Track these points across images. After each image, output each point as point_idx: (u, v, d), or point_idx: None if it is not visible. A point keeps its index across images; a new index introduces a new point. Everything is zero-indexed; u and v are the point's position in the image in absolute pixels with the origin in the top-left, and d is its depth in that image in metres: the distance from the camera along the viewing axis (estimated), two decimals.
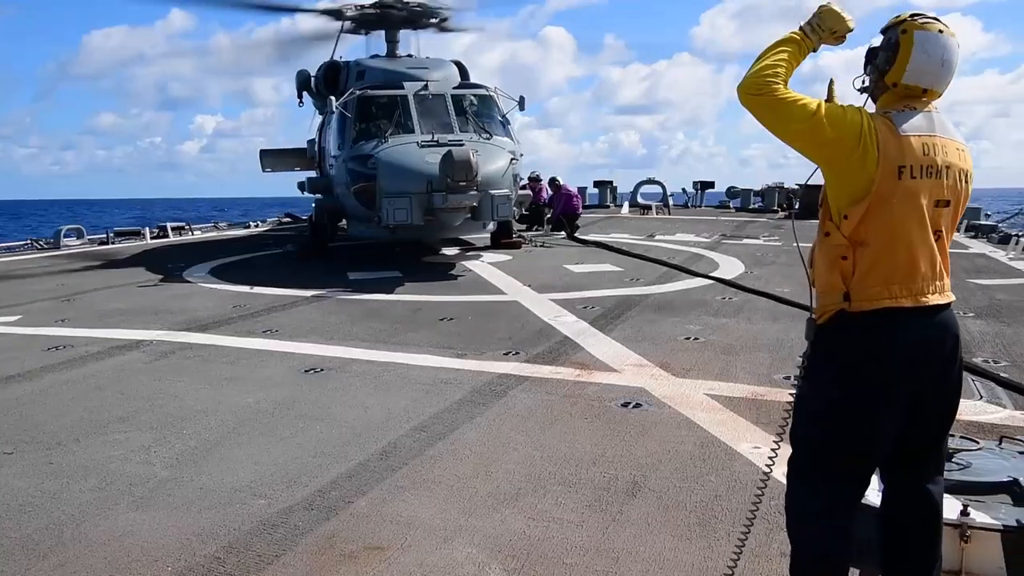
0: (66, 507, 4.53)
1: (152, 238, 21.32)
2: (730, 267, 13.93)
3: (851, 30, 3.01)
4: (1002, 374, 6.82)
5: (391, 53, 19.63)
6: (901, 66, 2.89)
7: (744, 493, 4.42)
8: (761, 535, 4.01)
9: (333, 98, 16.10)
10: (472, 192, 13.35)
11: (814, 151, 2.92)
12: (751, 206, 32.27)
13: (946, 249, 2.96)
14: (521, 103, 17.22)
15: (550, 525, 4.19)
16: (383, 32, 19.91)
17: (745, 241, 18.91)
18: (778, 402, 6.13)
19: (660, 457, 5.11)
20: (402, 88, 15.81)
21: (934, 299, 2.89)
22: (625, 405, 6.18)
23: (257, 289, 12.24)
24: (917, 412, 2.95)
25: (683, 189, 34.45)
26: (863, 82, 3.07)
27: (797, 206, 30.25)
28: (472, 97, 16.41)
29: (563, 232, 20.32)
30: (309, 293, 11.70)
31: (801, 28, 3.01)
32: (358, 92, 15.94)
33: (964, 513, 3.18)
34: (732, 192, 34.01)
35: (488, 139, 15.32)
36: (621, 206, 31.65)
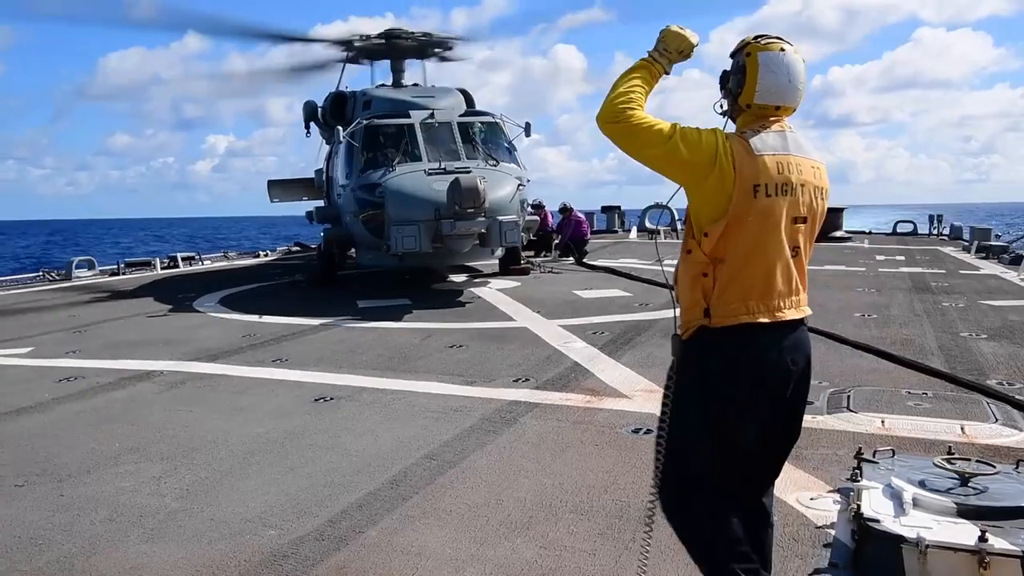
0: (77, 539, 4.52)
1: (162, 268, 21.40)
2: None
3: (695, 45, 3.12)
4: (1017, 396, 6.76)
5: (397, 82, 19.79)
6: (751, 87, 3.01)
7: None
8: (775, 562, 3.97)
9: (340, 128, 16.21)
10: (480, 218, 13.40)
11: (672, 173, 3.01)
12: None
13: (803, 265, 3.07)
14: (527, 129, 17.31)
15: (562, 554, 4.16)
16: (389, 61, 20.08)
17: None
18: None
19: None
20: (409, 117, 15.92)
21: (790, 314, 3.00)
22: (636, 431, 6.15)
23: (266, 318, 12.26)
24: (770, 426, 3.04)
25: None
26: (722, 106, 3.18)
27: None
28: (478, 124, 16.51)
29: (571, 258, 20.33)
30: (318, 322, 11.71)
31: (649, 53, 3.11)
32: (365, 122, 16.04)
33: (982, 539, 3.13)
34: None
35: (495, 165, 15.39)
36: (629, 231, 31.67)
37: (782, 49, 3.01)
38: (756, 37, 3.07)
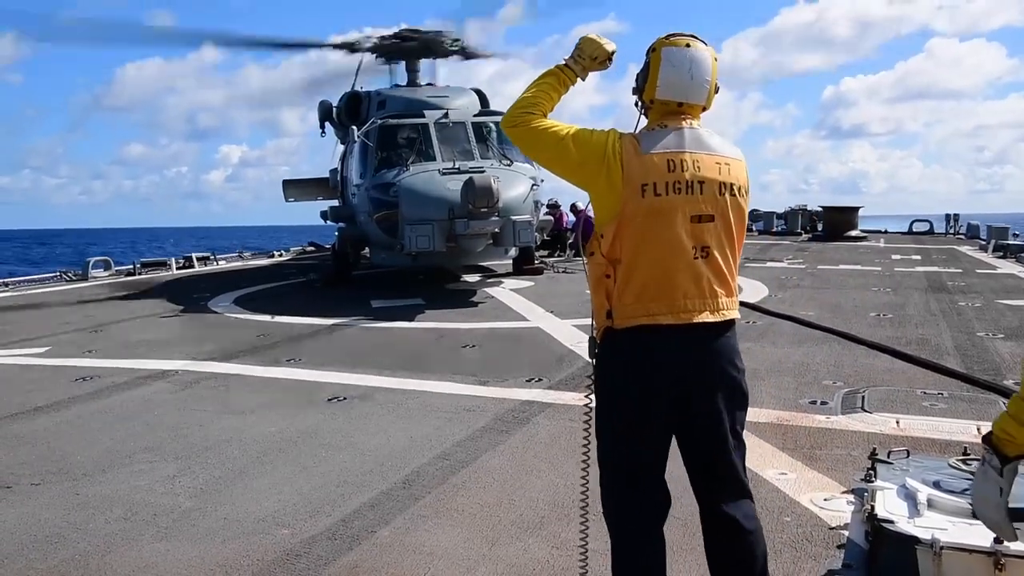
0: (92, 538, 4.55)
1: (178, 268, 21.52)
2: (753, 290, 13.84)
3: (610, 53, 3.12)
4: None
5: (412, 82, 19.82)
6: (652, 83, 2.98)
7: (771, 519, 4.36)
8: (788, 563, 3.95)
9: (355, 128, 16.26)
10: (494, 218, 13.40)
11: (568, 175, 3.02)
12: (774, 229, 32.15)
13: (721, 266, 2.95)
14: None
15: (574, 554, 4.13)
16: (404, 61, 20.12)
17: (768, 264, 18.81)
18: (804, 427, 6.07)
19: (684, 483, 5.02)
20: (423, 117, 15.95)
21: (702, 317, 2.90)
22: None
23: (281, 318, 12.31)
24: (686, 429, 3.01)
25: None
26: (636, 104, 3.15)
27: (820, 227, 30.14)
28: (492, 124, 16.50)
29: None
30: (332, 322, 11.75)
31: (565, 60, 3.12)
32: (379, 121, 16.08)
33: (998, 540, 3.10)
34: (754, 215, 33.89)
35: (509, 165, 15.39)
36: None
37: (687, 44, 2.96)
38: (667, 35, 3.02)
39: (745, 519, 3.09)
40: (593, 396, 3.14)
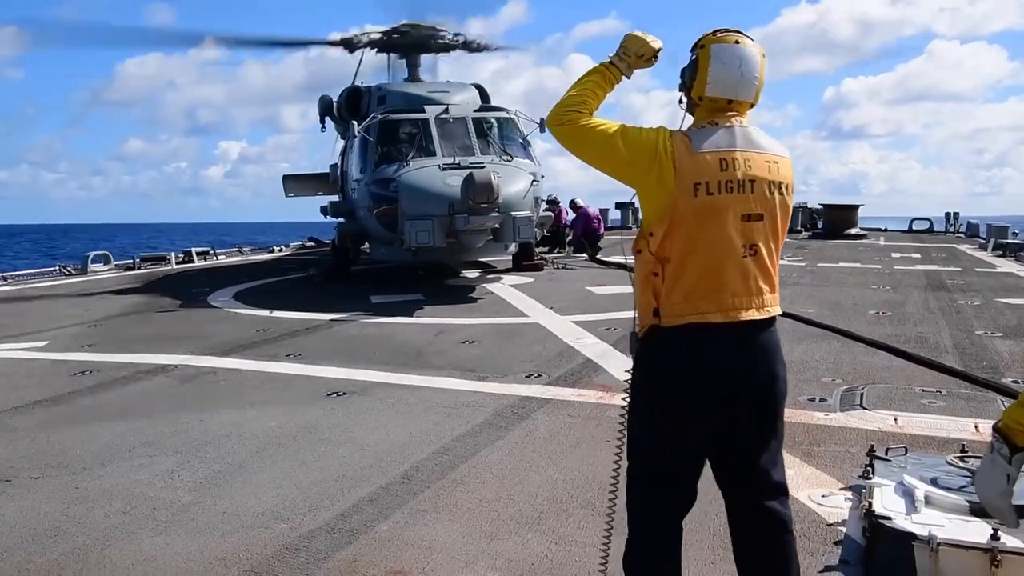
0: (91, 531, 4.55)
1: (177, 263, 21.51)
2: None
3: (657, 50, 3.09)
4: None
5: (412, 77, 19.79)
6: (702, 80, 2.96)
7: None
8: None
9: (355, 122, 16.24)
10: (494, 214, 13.40)
11: (617, 173, 3.00)
12: None
13: (767, 263, 2.96)
14: (541, 125, 17.28)
15: (572, 549, 4.17)
16: (404, 57, 20.10)
17: None
18: (802, 424, 6.08)
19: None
20: (423, 112, 15.93)
21: (749, 315, 2.90)
22: None
23: (280, 313, 12.31)
24: (730, 427, 2.98)
25: None
26: (681, 102, 3.13)
27: (820, 225, 30.14)
28: (493, 119, 16.49)
29: (585, 254, 20.31)
30: (331, 317, 11.75)
31: (610, 58, 3.09)
32: (380, 116, 16.07)
33: (994, 537, 3.12)
34: None
35: (509, 161, 15.38)
36: None
37: (736, 41, 2.95)
38: (714, 31, 3.01)
39: (780, 514, 3.08)
40: (629, 393, 3.12)
